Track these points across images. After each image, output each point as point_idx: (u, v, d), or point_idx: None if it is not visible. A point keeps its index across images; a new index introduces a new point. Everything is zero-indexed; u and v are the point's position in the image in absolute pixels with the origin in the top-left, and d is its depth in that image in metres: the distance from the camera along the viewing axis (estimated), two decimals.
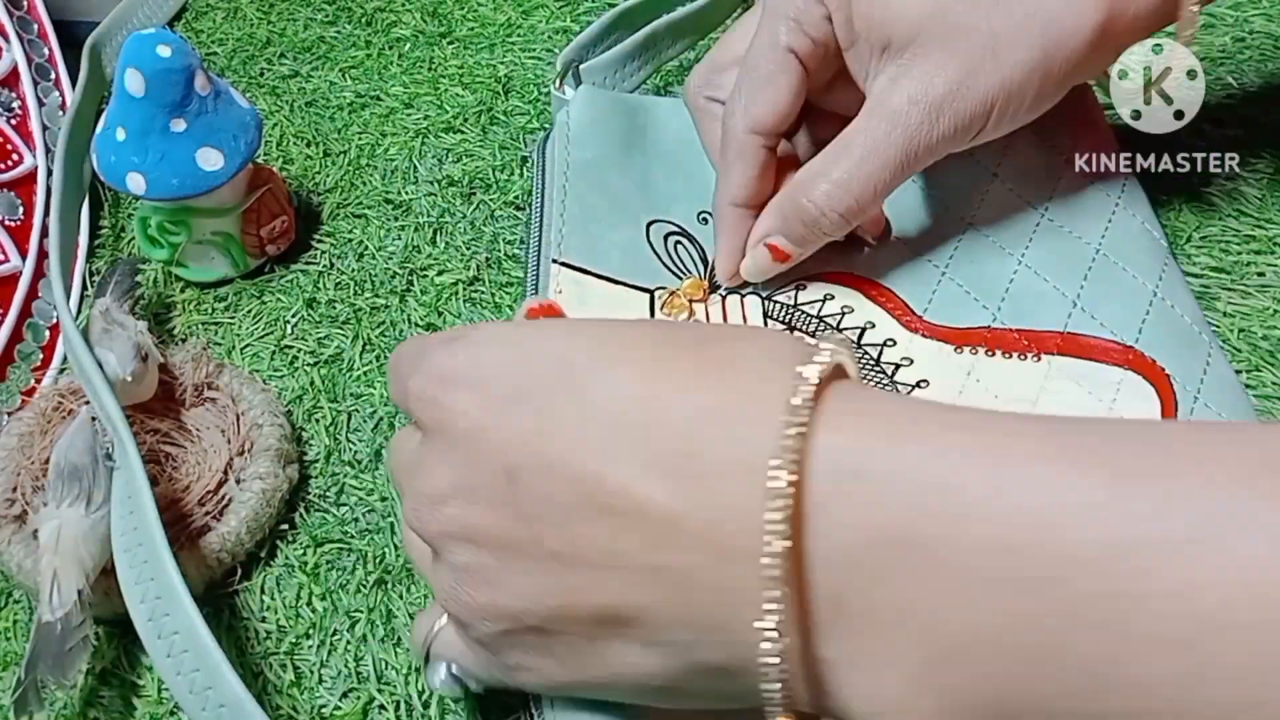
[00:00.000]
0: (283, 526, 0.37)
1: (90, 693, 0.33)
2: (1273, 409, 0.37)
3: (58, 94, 0.52)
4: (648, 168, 0.44)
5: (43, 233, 0.47)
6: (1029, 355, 0.37)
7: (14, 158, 0.48)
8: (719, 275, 0.41)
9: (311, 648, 0.34)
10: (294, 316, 0.44)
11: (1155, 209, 0.42)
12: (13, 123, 0.49)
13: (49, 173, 0.48)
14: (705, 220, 0.43)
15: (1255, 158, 0.45)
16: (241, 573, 0.36)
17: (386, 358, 0.40)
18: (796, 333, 0.39)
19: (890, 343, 0.39)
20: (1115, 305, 0.38)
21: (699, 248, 0.42)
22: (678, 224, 0.43)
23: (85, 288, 0.46)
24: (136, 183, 0.41)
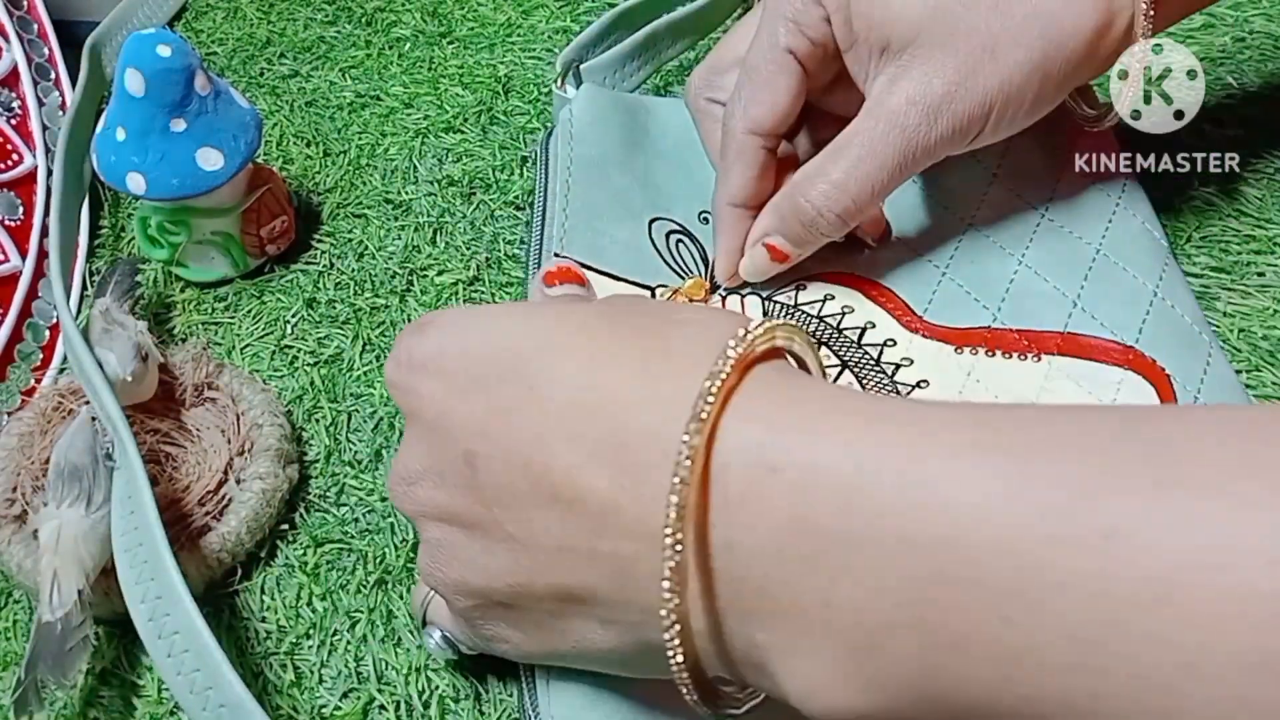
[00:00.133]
0: (283, 526, 0.37)
1: (90, 693, 0.33)
2: None
3: (58, 94, 0.52)
4: (649, 166, 0.44)
5: (43, 233, 0.47)
6: (1029, 355, 0.37)
7: (14, 158, 0.48)
8: (718, 275, 0.41)
9: (312, 648, 0.34)
10: (294, 316, 0.44)
11: (1155, 209, 0.42)
12: (13, 123, 0.49)
13: (49, 173, 0.48)
14: (706, 220, 0.43)
15: (1255, 158, 0.45)
16: (241, 573, 0.36)
17: (386, 358, 0.40)
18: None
19: (890, 343, 0.39)
20: (1115, 305, 0.38)
21: (699, 247, 0.42)
22: (679, 222, 0.43)
23: (85, 288, 0.46)
24: (136, 183, 0.41)
